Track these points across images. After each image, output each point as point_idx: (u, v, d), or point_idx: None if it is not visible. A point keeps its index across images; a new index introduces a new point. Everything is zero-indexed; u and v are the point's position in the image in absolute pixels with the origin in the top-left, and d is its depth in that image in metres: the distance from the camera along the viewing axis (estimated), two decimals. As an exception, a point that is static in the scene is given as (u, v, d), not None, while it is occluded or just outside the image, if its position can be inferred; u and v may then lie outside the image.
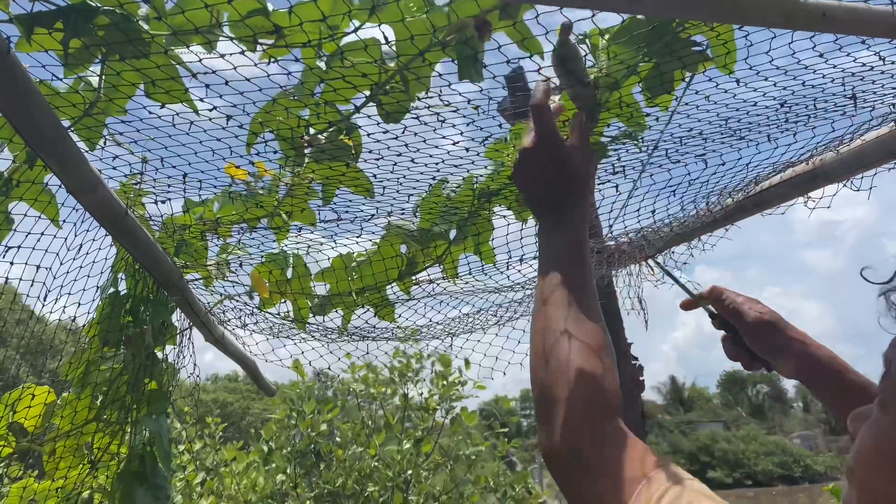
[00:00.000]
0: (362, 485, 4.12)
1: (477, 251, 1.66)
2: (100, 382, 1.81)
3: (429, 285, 1.83)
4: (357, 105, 1.21)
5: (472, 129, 1.24)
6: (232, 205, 1.51)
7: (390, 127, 1.20)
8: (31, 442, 1.79)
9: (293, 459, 4.11)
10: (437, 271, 1.77)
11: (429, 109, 1.19)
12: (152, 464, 1.92)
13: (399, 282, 1.81)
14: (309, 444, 4.14)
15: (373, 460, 4.16)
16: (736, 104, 1.27)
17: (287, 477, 4.07)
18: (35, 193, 1.35)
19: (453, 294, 1.98)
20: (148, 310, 1.83)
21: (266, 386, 3.09)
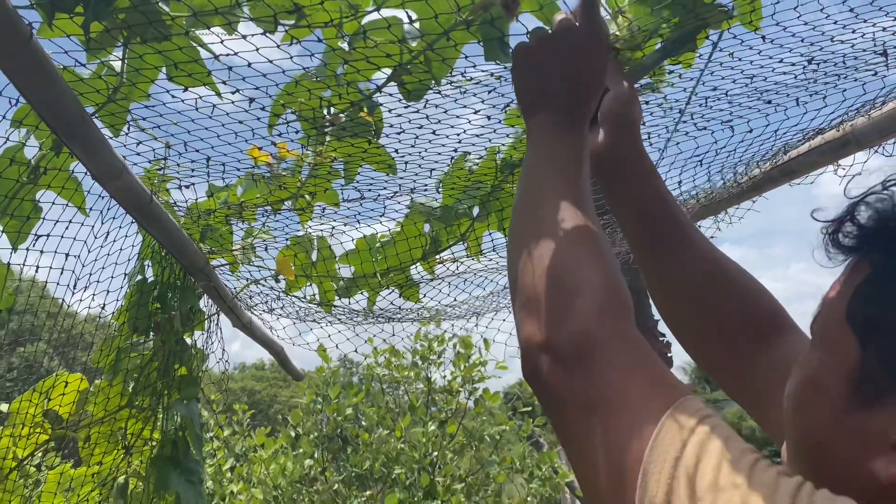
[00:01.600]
0: (389, 467, 4.14)
1: (500, 227, 1.65)
2: (131, 369, 1.83)
3: (453, 264, 1.82)
4: (378, 84, 1.20)
5: (492, 97, 1.22)
6: (255, 187, 1.50)
7: (411, 102, 1.19)
8: (66, 429, 1.82)
9: (320, 444, 4.15)
10: (461, 249, 1.76)
11: (451, 85, 1.18)
12: (185, 448, 1.94)
13: (423, 261, 1.81)
14: (335, 429, 4.17)
15: (398, 443, 4.19)
16: (762, 61, 1.24)
17: (315, 461, 4.11)
18: (62, 181, 1.36)
19: (477, 272, 1.97)
20: (175, 296, 1.84)
21: (294, 370, 3.12)
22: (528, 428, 4.74)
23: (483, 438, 4.56)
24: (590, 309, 0.65)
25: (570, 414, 0.62)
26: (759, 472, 0.50)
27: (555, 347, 0.65)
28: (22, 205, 1.30)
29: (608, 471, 0.56)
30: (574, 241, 0.72)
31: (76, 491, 1.96)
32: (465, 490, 4.34)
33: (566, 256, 0.70)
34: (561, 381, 0.63)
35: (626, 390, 0.59)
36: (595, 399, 0.60)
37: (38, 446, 1.78)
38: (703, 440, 0.53)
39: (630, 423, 0.57)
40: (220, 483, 4.42)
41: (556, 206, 0.75)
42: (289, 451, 4.23)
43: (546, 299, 0.68)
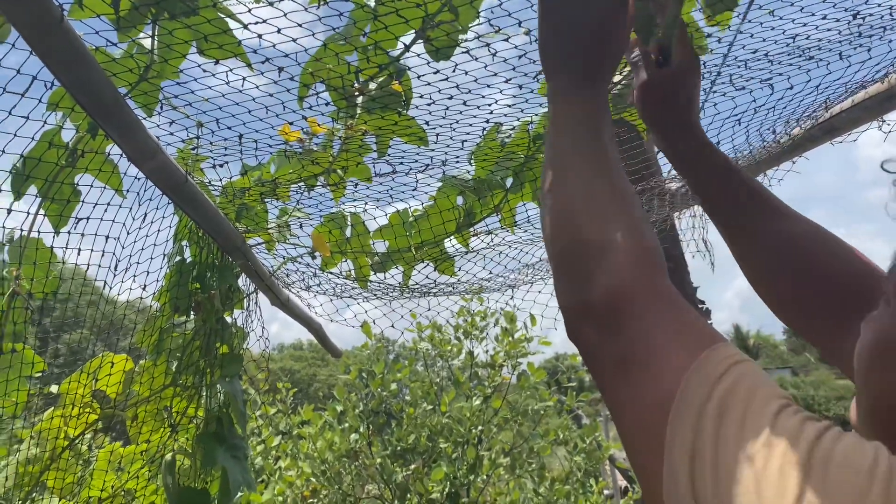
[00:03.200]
0: (434, 441, 4.18)
1: (534, 198, 1.63)
2: (174, 348, 1.87)
3: (487, 236, 1.81)
4: (406, 44, 1.18)
5: (523, 64, 1.19)
6: (289, 163, 1.51)
7: (441, 66, 1.17)
8: (114, 408, 1.87)
9: (365, 419, 4.20)
10: (495, 221, 1.74)
11: (479, 39, 1.15)
12: (229, 425, 1.98)
13: (457, 234, 1.80)
14: (380, 404, 4.22)
15: (443, 417, 4.22)
16: (804, 18, 1.19)
17: (360, 436, 4.17)
18: (99, 164, 1.38)
19: (512, 244, 1.95)
20: (214, 275, 1.86)
21: (332, 347, 3.15)
22: (572, 402, 4.73)
23: (526, 413, 4.57)
24: (619, 265, 0.65)
25: (607, 371, 0.63)
26: (783, 419, 0.49)
27: (588, 307, 0.65)
28: (61, 188, 1.33)
29: (641, 425, 0.57)
30: (602, 201, 0.71)
31: (126, 468, 2.02)
32: (509, 463, 4.36)
33: (594, 217, 0.70)
34: (597, 339, 0.64)
35: (656, 343, 0.59)
36: (627, 354, 0.60)
37: (87, 425, 1.84)
38: (729, 388, 0.52)
39: (659, 376, 0.56)
40: (268, 459, 4.53)
41: (583, 168, 0.75)
42: (335, 426, 4.29)
43: (577, 261, 0.68)
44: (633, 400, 0.58)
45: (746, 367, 0.54)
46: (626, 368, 0.60)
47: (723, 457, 0.49)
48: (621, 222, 0.69)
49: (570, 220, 0.71)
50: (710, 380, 0.53)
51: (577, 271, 0.68)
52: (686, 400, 0.53)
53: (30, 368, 1.51)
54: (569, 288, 0.69)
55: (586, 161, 0.75)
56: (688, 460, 0.50)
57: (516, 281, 2.15)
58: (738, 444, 0.48)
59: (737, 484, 0.47)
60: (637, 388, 0.58)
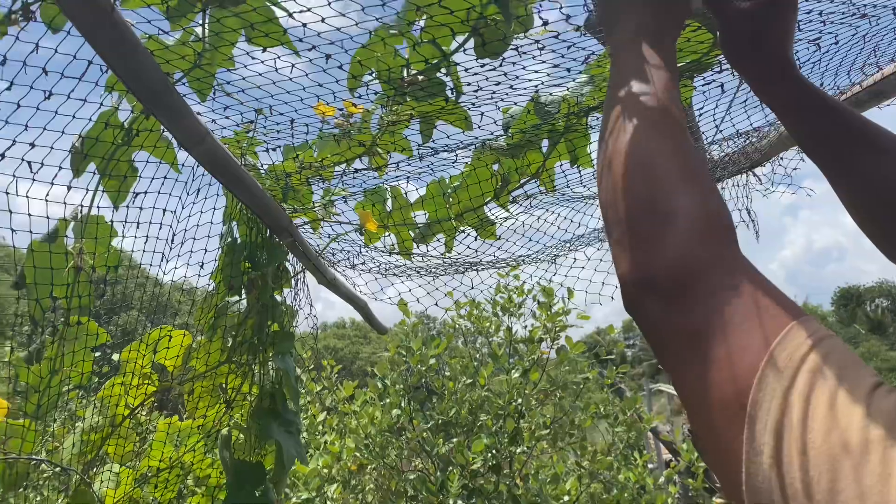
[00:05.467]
0: (474, 415, 4.23)
1: (573, 160, 1.63)
2: (228, 326, 1.93)
3: (526, 200, 1.82)
4: (459, 42, 1.19)
5: (572, 52, 1.20)
6: (337, 145, 1.54)
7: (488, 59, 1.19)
8: (172, 382, 1.95)
9: (407, 394, 4.27)
10: (535, 186, 1.76)
11: (527, 36, 1.16)
12: (282, 400, 2.04)
13: (495, 199, 1.81)
14: (420, 379, 4.28)
15: (483, 391, 4.27)
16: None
17: (402, 411, 4.24)
18: (154, 141, 1.43)
19: (551, 209, 1.97)
20: (264, 255, 1.91)
21: (378, 325, 3.21)
22: (612, 375, 4.74)
23: (566, 386, 4.59)
24: (687, 235, 0.61)
25: (672, 347, 0.60)
26: (878, 399, 0.46)
27: (653, 279, 0.61)
28: (119, 165, 1.38)
29: (715, 404, 0.53)
30: (665, 165, 0.66)
31: (184, 441, 2.11)
32: (550, 436, 4.40)
33: (658, 182, 0.65)
34: (661, 313, 0.60)
35: (731, 318, 0.55)
36: (698, 329, 0.56)
37: (146, 396, 1.92)
38: (816, 367, 0.49)
39: (736, 353, 0.53)
40: (314, 434, 4.64)
41: (648, 128, 0.70)
42: (377, 401, 4.37)
43: (639, 230, 0.64)
44: (706, 375, 0.55)
45: (833, 343, 0.51)
46: (699, 344, 0.56)
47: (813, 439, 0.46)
48: (690, 187, 0.64)
49: (632, 183, 0.66)
50: (796, 356, 0.50)
51: (640, 240, 0.63)
52: (770, 376, 0.50)
53: (94, 340, 1.59)
54: (630, 257, 0.64)
55: (651, 121, 0.70)
56: (773, 439, 0.48)
57: (559, 251, 2.16)
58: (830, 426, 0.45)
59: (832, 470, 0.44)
60: (712, 364, 0.54)
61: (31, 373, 1.49)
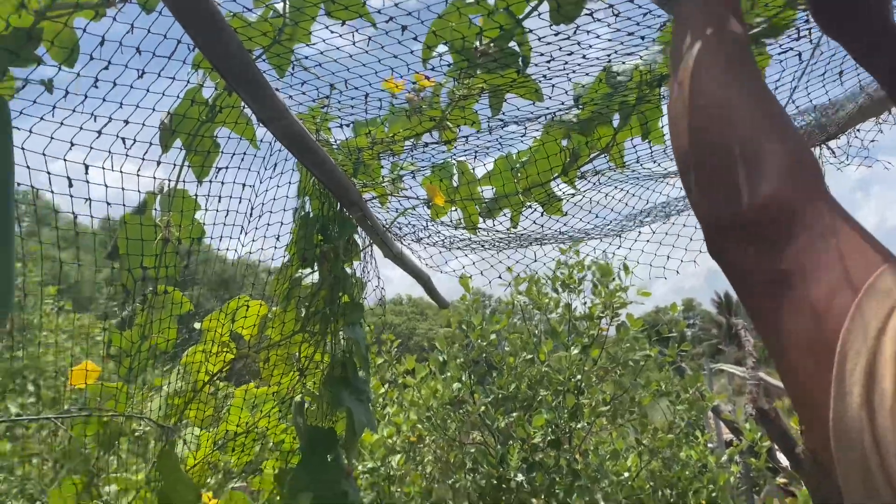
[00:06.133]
0: (534, 390, 4.27)
1: (645, 134, 1.62)
2: (302, 297, 2.00)
3: (594, 177, 1.82)
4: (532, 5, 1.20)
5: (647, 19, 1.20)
6: (408, 120, 1.57)
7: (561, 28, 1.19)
8: (249, 349, 2.03)
9: (467, 368, 4.33)
10: (604, 162, 1.76)
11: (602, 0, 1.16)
12: (353, 369, 2.11)
13: (563, 175, 1.82)
14: (480, 354, 4.33)
15: (543, 366, 4.29)
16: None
17: (462, 385, 4.30)
18: (235, 117, 1.49)
19: (619, 185, 1.96)
20: (335, 228, 1.97)
21: (440, 299, 3.26)
22: (674, 353, 4.69)
23: (626, 363, 4.57)
24: (778, 175, 0.60)
25: (759, 288, 0.59)
26: None
27: (741, 218, 0.61)
28: (202, 141, 1.44)
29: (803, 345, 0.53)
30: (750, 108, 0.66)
31: (259, 407, 2.20)
32: (610, 412, 4.40)
33: (744, 124, 0.65)
34: (750, 254, 0.60)
35: (822, 258, 0.54)
36: (788, 269, 0.56)
37: (225, 364, 2.01)
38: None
39: (826, 294, 0.52)
40: (375, 406, 4.76)
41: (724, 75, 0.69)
42: (437, 375, 4.45)
43: (726, 172, 0.64)
44: (794, 317, 0.54)
45: None
46: (788, 285, 0.55)
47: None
48: (777, 129, 0.64)
49: (717, 127, 0.66)
50: (890, 298, 0.49)
51: (725, 180, 0.63)
52: (862, 318, 0.49)
53: (178, 308, 1.67)
54: (715, 199, 0.64)
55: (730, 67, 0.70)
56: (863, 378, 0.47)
57: (624, 226, 2.16)
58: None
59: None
60: (801, 305, 0.54)
61: (124, 338, 1.58)
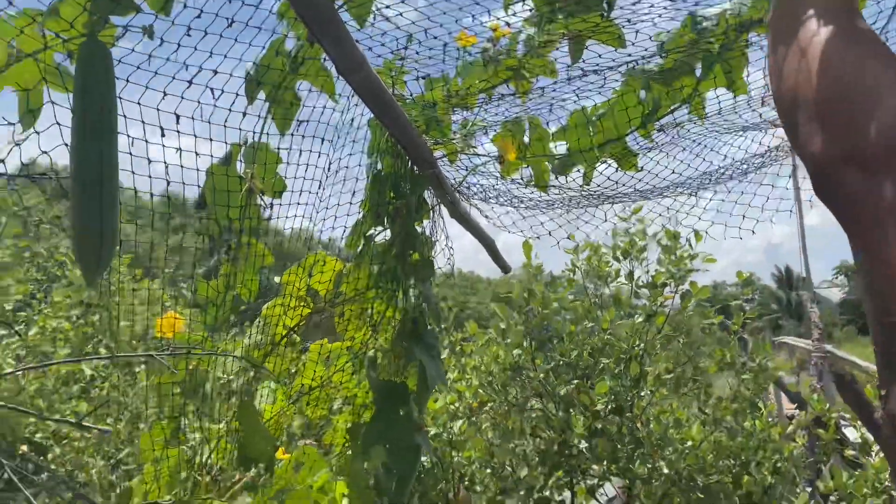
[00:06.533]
0: (595, 358, 4.24)
1: (729, 84, 1.58)
2: (375, 254, 2.03)
3: (673, 129, 1.79)
4: None
5: None
6: (484, 70, 1.56)
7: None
8: (325, 305, 2.07)
9: (528, 335, 4.32)
10: (684, 114, 1.72)
11: None
12: (424, 326, 2.13)
13: (641, 129, 1.79)
14: (541, 321, 4.32)
15: (605, 334, 4.25)
16: None
17: (523, 351, 4.30)
18: (316, 70, 1.50)
19: (698, 139, 1.92)
20: (407, 185, 1.98)
21: (503, 263, 3.26)
22: (739, 321, 4.60)
23: (690, 332, 4.49)
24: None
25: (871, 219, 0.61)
26: None
27: (859, 152, 0.63)
28: (285, 93, 1.47)
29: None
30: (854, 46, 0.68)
31: (334, 361, 2.25)
32: (673, 381, 4.34)
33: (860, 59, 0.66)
34: (863, 186, 0.62)
35: None
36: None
37: (302, 318, 2.06)
38: None
39: None
40: (437, 373, 4.80)
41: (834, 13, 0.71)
42: (500, 341, 4.46)
43: (845, 104, 0.65)
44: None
45: None
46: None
47: None
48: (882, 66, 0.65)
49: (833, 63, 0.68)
50: None
51: (844, 115, 0.65)
52: None
53: (260, 260, 1.71)
54: (830, 134, 0.66)
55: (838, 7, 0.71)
56: None
57: (700, 184, 2.11)
58: None
59: None
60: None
61: (210, 287, 1.64)
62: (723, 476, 4.37)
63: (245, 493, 2.28)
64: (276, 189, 1.62)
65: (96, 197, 1.00)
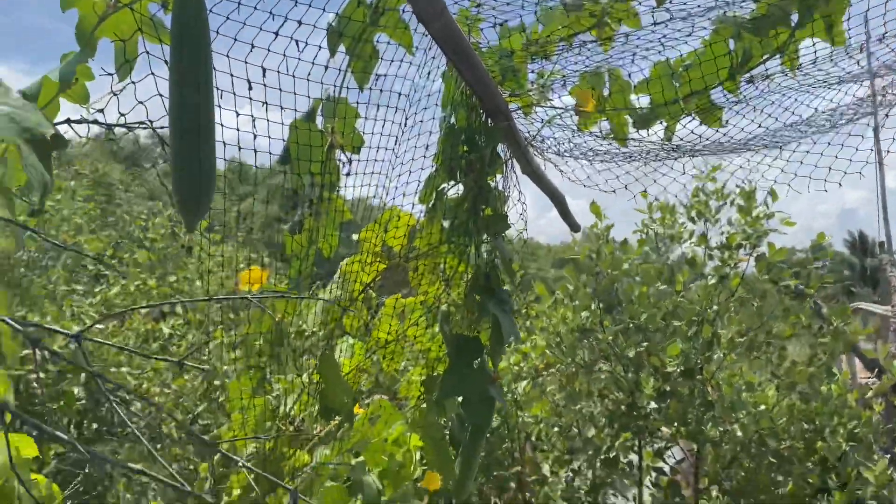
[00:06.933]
0: (666, 320, 4.17)
1: (828, 33, 1.50)
2: (447, 208, 2.03)
3: (763, 81, 1.71)
4: None
5: None
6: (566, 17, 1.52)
7: None
8: (399, 260, 2.10)
9: (597, 297, 4.28)
10: (776, 65, 1.64)
11: None
12: (496, 279, 2.14)
13: (729, 81, 1.72)
14: (611, 283, 4.27)
15: (678, 297, 4.18)
16: None
17: (591, 313, 4.27)
18: (394, 21, 1.50)
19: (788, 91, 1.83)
20: (482, 138, 1.97)
21: (573, 221, 3.21)
22: (816, 284, 4.44)
23: (765, 295, 4.37)
24: None
25: None
26: None
27: None
28: (364, 46, 1.47)
29: None
30: None
31: (408, 316, 2.28)
32: (746, 344, 4.25)
33: None
34: None
35: None
36: None
37: (378, 273, 2.09)
38: None
39: None
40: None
41: None
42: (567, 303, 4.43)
43: None
44: None
45: None
46: None
47: None
48: None
49: None
50: None
51: None
52: None
53: (340, 216, 1.74)
54: None
55: None
56: None
57: (786, 137, 2.03)
58: None
59: None
60: None
61: (295, 241, 1.67)
62: (795, 441, 4.28)
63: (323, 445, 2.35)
64: (354, 144, 1.63)
65: (195, 145, 1.03)
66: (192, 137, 1.04)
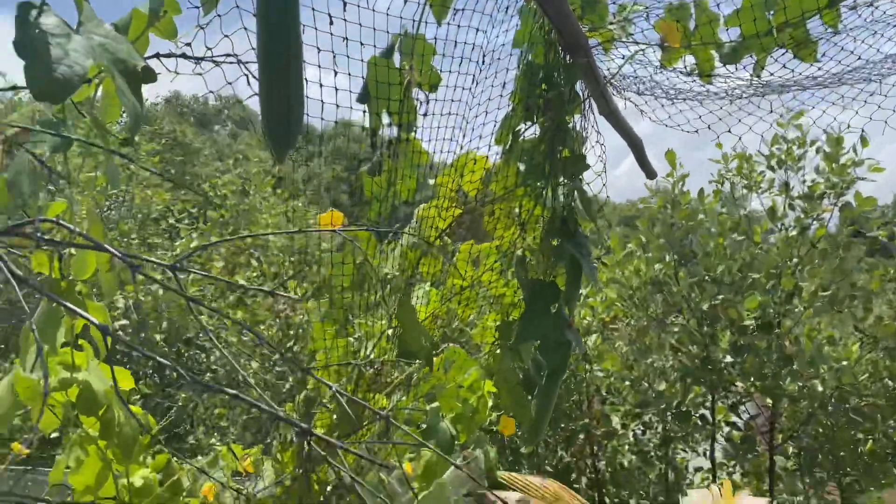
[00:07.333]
0: (743, 272, 4.05)
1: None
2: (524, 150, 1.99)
3: (868, 8, 1.60)
4: None
5: None
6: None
7: None
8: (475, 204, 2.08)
9: (671, 249, 4.18)
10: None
11: None
12: (573, 222, 2.09)
13: (829, 10, 1.61)
14: (686, 234, 4.15)
15: (755, 248, 4.04)
16: None
17: (664, 265, 4.18)
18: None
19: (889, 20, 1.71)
20: (561, 75, 1.91)
21: (649, 168, 3.12)
22: (905, 236, 4.22)
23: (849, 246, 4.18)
24: None
25: None
26: None
27: None
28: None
29: None
30: None
31: (482, 261, 2.27)
32: (828, 297, 4.09)
33: None
34: None
35: None
36: None
37: (453, 219, 2.07)
38: None
39: None
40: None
41: None
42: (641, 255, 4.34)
43: None
44: None
45: None
46: None
47: None
48: None
49: None
50: None
51: None
52: None
53: (417, 157, 1.72)
54: None
55: None
56: None
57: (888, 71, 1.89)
58: None
59: None
60: None
61: (375, 183, 1.67)
62: (878, 398, 4.13)
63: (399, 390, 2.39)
64: (431, 82, 1.60)
65: (284, 81, 1.03)
66: (282, 74, 1.04)
